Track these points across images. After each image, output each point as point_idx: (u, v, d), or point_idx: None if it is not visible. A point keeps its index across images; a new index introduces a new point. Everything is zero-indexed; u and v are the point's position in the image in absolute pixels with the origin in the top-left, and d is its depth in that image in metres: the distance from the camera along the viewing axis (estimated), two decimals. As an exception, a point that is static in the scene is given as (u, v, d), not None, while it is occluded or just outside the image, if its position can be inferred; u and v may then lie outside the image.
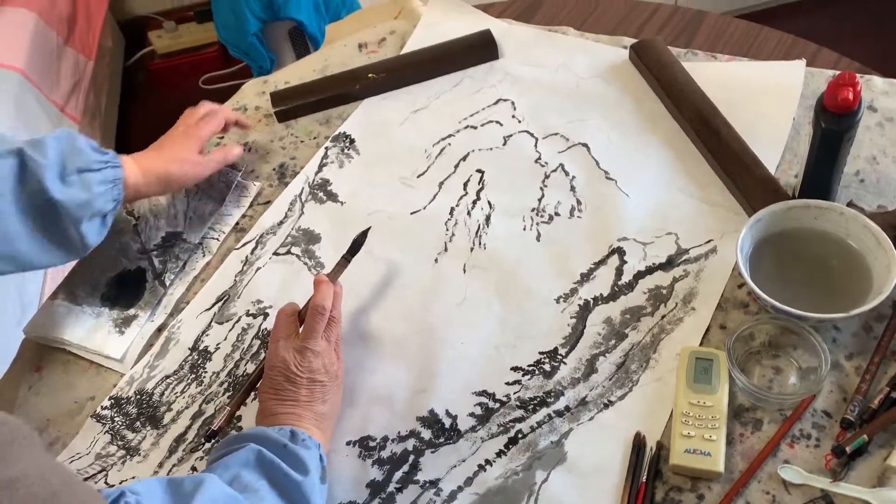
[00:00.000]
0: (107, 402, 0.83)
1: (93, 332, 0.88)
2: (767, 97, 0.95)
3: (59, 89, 1.99)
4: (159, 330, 0.88)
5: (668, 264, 0.85)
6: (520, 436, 0.74)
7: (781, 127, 0.92)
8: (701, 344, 0.78)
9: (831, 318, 0.72)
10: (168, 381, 0.84)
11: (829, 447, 0.69)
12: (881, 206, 0.84)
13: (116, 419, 0.81)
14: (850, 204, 0.83)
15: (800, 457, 0.70)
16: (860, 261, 0.78)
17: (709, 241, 0.86)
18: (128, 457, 0.79)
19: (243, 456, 0.65)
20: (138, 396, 0.83)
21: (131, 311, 0.89)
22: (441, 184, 0.96)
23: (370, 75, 1.05)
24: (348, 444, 0.76)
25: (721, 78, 1.00)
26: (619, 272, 0.85)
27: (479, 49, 1.07)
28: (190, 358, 0.85)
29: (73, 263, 0.92)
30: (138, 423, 0.81)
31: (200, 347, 0.86)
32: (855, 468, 0.68)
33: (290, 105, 1.05)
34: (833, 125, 0.75)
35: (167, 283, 0.91)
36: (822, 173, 0.81)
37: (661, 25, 1.10)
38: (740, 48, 1.04)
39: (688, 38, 1.07)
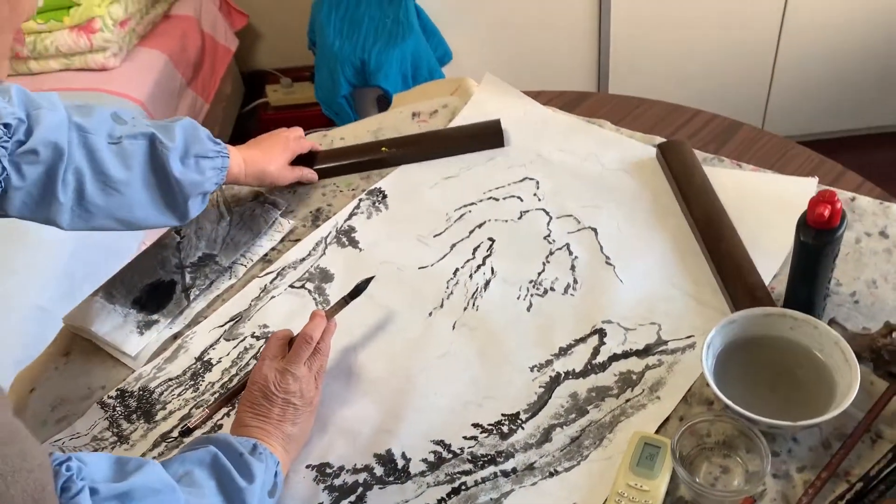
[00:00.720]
0: (113, 393, 0.92)
1: (118, 329, 0.98)
2: (775, 209, 0.98)
3: (172, 124, 2.20)
4: (175, 337, 0.97)
5: (645, 352, 0.87)
6: (463, 487, 0.78)
7: (784, 239, 0.94)
8: (657, 432, 0.80)
9: (778, 425, 0.73)
10: (170, 383, 0.92)
11: (757, 552, 0.69)
12: (865, 328, 0.84)
13: (117, 409, 0.90)
14: (831, 321, 0.83)
15: (727, 557, 0.70)
16: (828, 376, 0.78)
17: (689, 337, 0.88)
18: (118, 444, 0.87)
19: (200, 455, 0.72)
20: (141, 392, 0.92)
21: (154, 317, 0.99)
22: (453, 246, 1.03)
23: (383, 149, 1.15)
24: (308, 467, 0.82)
25: (736, 184, 1.03)
26: (595, 352, 0.88)
27: (487, 137, 1.15)
28: (193, 366, 0.94)
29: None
30: (134, 415, 0.90)
31: (205, 358, 0.94)
32: (779, 578, 0.68)
33: (320, 167, 1.15)
34: (810, 239, 0.78)
35: (191, 298, 1.01)
36: (802, 286, 0.82)
37: (695, 130, 1.15)
38: (766, 161, 1.07)
39: (718, 146, 1.11)
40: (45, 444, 0.86)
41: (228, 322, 0.98)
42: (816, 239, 0.77)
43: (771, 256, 0.93)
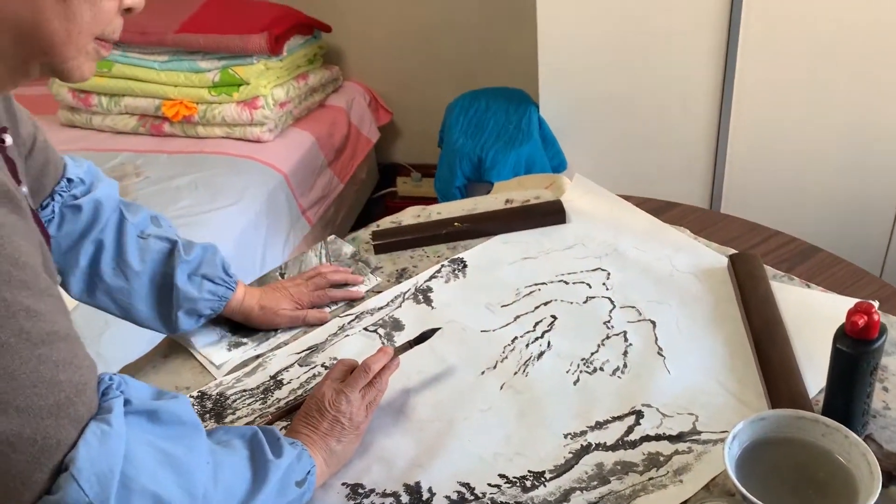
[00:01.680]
0: (195, 393, 1.04)
1: (212, 344, 1.11)
2: (834, 328, 0.99)
3: (307, 197, 2.43)
4: (257, 357, 1.09)
5: (677, 438, 0.90)
6: (477, 527, 0.83)
7: (837, 355, 0.95)
8: (673, 512, 0.82)
9: (789, 519, 0.74)
10: (244, 394, 1.03)
11: None
12: (906, 451, 0.84)
13: (195, 406, 1.02)
14: (867, 436, 0.83)
15: None
16: (852, 487, 0.78)
17: (723, 432, 0.90)
18: (189, 436, 0.98)
19: (243, 430, 0.80)
20: (218, 397, 1.03)
21: (244, 339, 1.12)
22: (517, 317, 1.10)
23: (455, 224, 1.26)
24: (343, 484, 0.89)
25: (800, 301, 1.05)
26: (629, 430, 0.92)
27: (550, 214, 1.26)
28: (267, 383, 1.05)
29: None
30: (208, 415, 1.01)
31: (278, 378, 1.05)
32: None
33: (386, 241, 1.27)
34: (846, 347, 0.80)
35: (278, 329, 1.13)
36: (839, 395, 0.83)
37: (772, 249, 1.18)
38: (838, 286, 1.09)
39: (790, 266, 1.14)
40: None
41: (305, 351, 1.09)
42: (852, 348, 0.80)
43: (821, 372, 0.94)
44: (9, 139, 0.77)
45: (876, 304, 0.80)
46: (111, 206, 1.01)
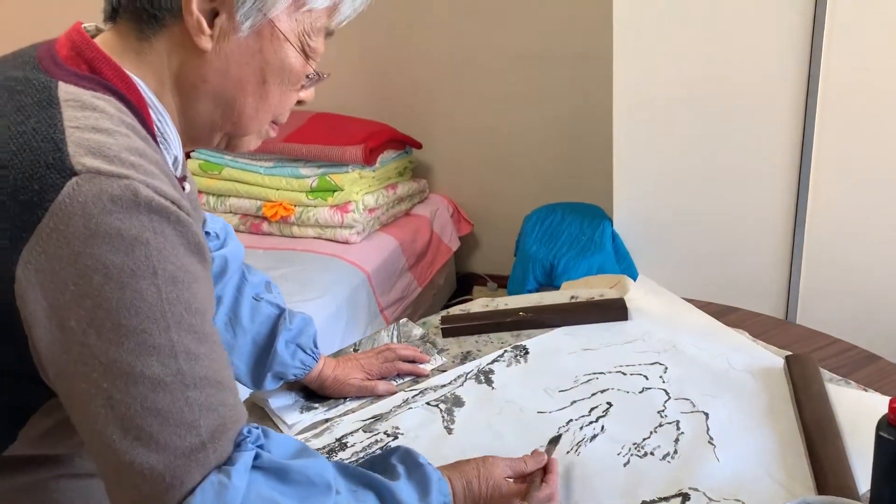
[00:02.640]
0: (267, 448, 1.12)
1: (287, 407, 1.20)
2: (887, 426, 1.00)
3: (387, 296, 2.55)
4: (326, 420, 1.17)
5: (722, 521, 0.92)
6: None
7: (889, 454, 0.95)
8: (713, 590, 0.83)
9: None
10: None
11: None
12: (955, 547, 0.83)
13: (266, 460, 1.10)
14: (915, 531, 0.83)
15: None
16: (896, 576, 0.78)
17: (770, 520, 0.91)
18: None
19: (384, 488, 0.79)
20: (287, 452, 1.11)
21: (315, 404, 1.21)
22: (574, 402, 1.15)
23: (521, 313, 1.33)
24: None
25: (855, 402, 1.07)
26: (675, 510, 0.94)
27: (612, 310, 1.32)
28: (332, 444, 1.12)
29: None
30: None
31: (343, 440, 1.12)
32: None
33: (454, 325, 1.35)
34: (888, 435, 0.82)
35: (348, 398, 1.21)
36: (885, 485, 0.84)
37: (830, 355, 1.20)
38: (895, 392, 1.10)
39: (848, 371, 1.16)
40: None
41: (370, 419, 1.16)
42: (894, 435, 0.81)
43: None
44: (188, 186, 0.86)
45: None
46: (236, 264, 1.11)
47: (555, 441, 1.05)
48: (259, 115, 0.80)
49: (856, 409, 1.05)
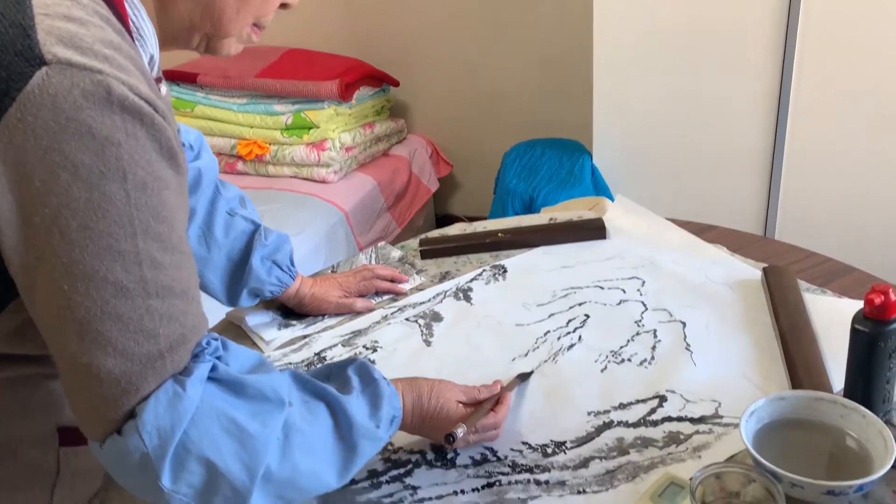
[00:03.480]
0: (244, 363, 1.11)
1: (264, 324, 1.19)
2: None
3: (366, 236, 2.54)
4: (304, 336, 1.16)
5: (699, 420, 0.92)
6: (497, 484, 0.86)
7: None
8: (689, 482, 0.84)
9: (801, 482, 0.75)
10: (289, 366, 1.10)
11: (753, 591, 0.70)
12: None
13: (243, 374, 1.09)
14: (887, 420, 0.84)
15: (723, 591, 0.72)
16: (868, 464, 0.79)
17: (742, 415, 0.92)
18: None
19: (331, 396, 0.77)
20: (264, 367, 1.10)
21: (293, 322, 1.20)
22: (552, 315, 1.15)
23: (499, 234, 1.32)
24: (374, 443, 0.94)
25: (830, 308, 1.07)
26: (652, 411, 0.94)
27: (590, 229, 1.32)
28: (311, 359, 1.11)
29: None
30: (254, 381, 1.08)
31: (322, 355, 1.12)
32: None
33: (432, 247, 1.34)
34: (863, 327, 0.82)
35: (326, 315, 1.20)
36: (858, 378, 0.85)
37: (806, 267, 1.21)
38: (871, 299, 1.10)
39: (825, 281, 1.16)
40: None
41: (349, 334, 1.16)
42: (869, 328, 0.82)
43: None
44: (164, 88, 0.82)
45: (893, 285, 0.82)
46: (210, 177, 1.08)
47: (524, 377, 1.02)
48: (240, 16, 0.77)
49: (831, 315, 1.06)
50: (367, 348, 1.12)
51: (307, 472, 0.73)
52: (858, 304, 1.07)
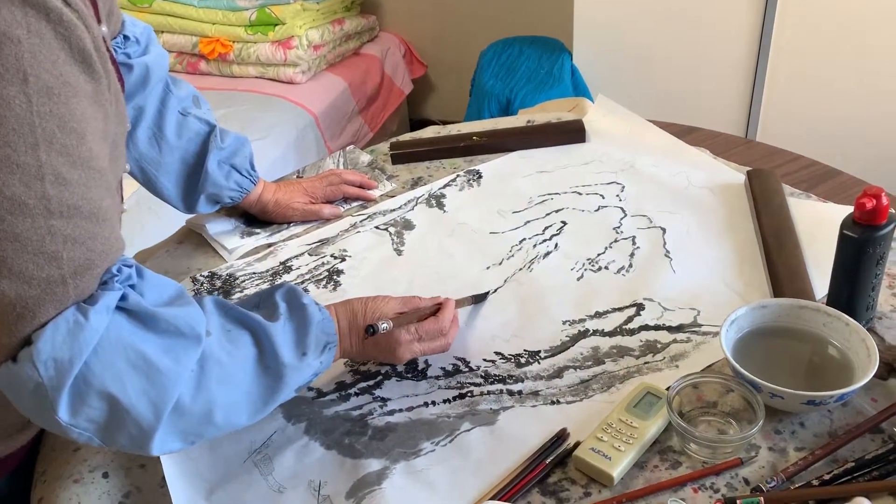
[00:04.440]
0: (206, 273, 1.06)
1: (226, 232, 1.13)
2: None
3: (336, 141, 2.45)
4: (269, 245, 1.11)
5: (677, 329, 0.90)
6: (469, 395, 0.83)
7: (847, 260, 0.94)
8: (665, 392, 0.82)
9: (781, 392, 0.73)
10: (253, 276, 1.05)
11: None
12: (908, 345, 0.82)
13: (205, 284, 1.04)
14: (870, 329, 0.82)
15: (697, 502, 0.70)
16: (849, 373, 0.77)
17: (723, 324, 0.89)
18: (197, 310, 1.00)
19: (255, 323, 0.71)
20: (227, 277, 1.05)
21: (257, 230, 1.14)
22: (527, 222, 1.10)
23: (474, 137, 1.26)
24: (342, 355, 0.90)
25: (815, 213, 1.04)
26: (629, 319, 0.92)
27: (569, 132, 1.26)
28: (276, 268, 1.06)
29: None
30: (216, 292, 1.03)
31: (287, 264, 1.07)
32: (744, 528, 0.67)
33: (404, 151, 1.27)
34: (852, 232, 0.79)
35: (291, 223, 1.15)
36: (843, 284, 0.82)
37: (792, 171, 1.16)
38: (856, 203, 1.07)
39: (810, 185, 1.12)
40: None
41: (316, 242, 1.10)
42: (859, 233, 0.78)
43: (829, 278, 0.93)
44: None
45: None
46: (160, 74, 1.00)
47: (479, 298, 0.96)
48: None
49: (815, 220, 1.03)
50: (334, 257, 1.07)
51: (224, 405, 0.67)
52: (844, 210, 1.04)
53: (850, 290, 0.82)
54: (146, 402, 0.62)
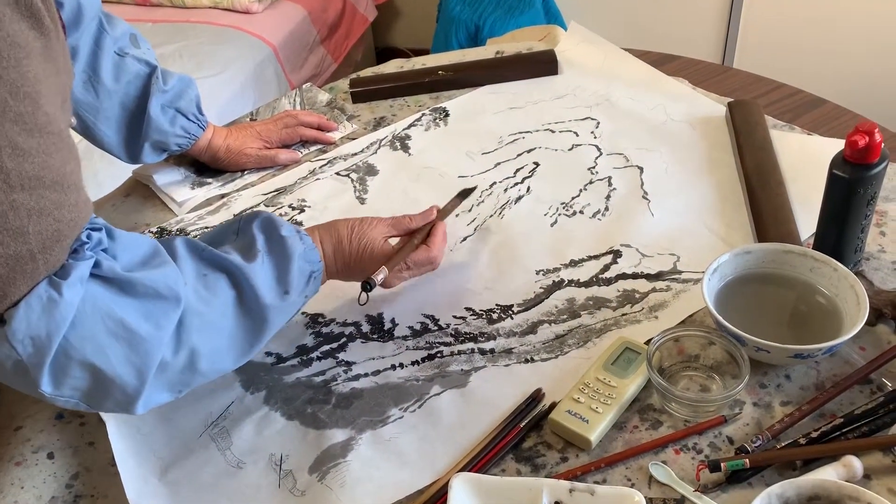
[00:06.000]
0: (154, 228, 0.99)
1: (175, 183, 1.06)
2: (832, 169, 0.92)
3: (298, 73, 2.33)
4: (221, 196, 1.04)
5: (656, 277, 0.85)
6: (438, 355, 0.79)
7: (833, 198, 0.89)
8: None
9: (766, 346, 0.69)
10: (205, 231, 0.98)
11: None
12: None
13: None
14: (858, 273, 0.78)
15: (679, 464, 0.67)
16: (838, 320, 0.73)
17: (705, 272, 0.84)
18: (147, 270, 0.94)
19: (230, 264, 0.67)
20: (177, 232, 0.98)
21: (208, 179, 1.06)
22: (497, 164, 1.04)
23: (440, 72, 1.18)
24: (302, 313, 0.85)
25: (799, 147, 0.98)
26: (605, 268, 0.87)
27: (541, 64, 1.18)
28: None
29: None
30: (167, 249, 0.96)
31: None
32: (728, 492, 0.64)
33: (364, 89, 1.19)
34: (842, 172, 0.73)
35: (245, 171, 1.07)
36: (832, 227, 0.78)
37: (775, 100, 1.10)
38: (843, 135, 1.01)
39: (794, 116, 1.07)
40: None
41: (272, 192, 1.03)
42: (850, 172, 0.73)
43: (815, 217, 0.88)
44: None
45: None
46: (92, 12, 0.91)
47: (465, 193, 0.91)
48: None
49: (800, 154, 0.98)
50: (293, 208, 1.01)
51: (207, 353, 0.65)
52: (830, 143, 0.99)
53: (839, 233, 0.77)
54: (130, 369, 0.60)
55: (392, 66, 1.28)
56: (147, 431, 0.74)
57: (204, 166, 1.07)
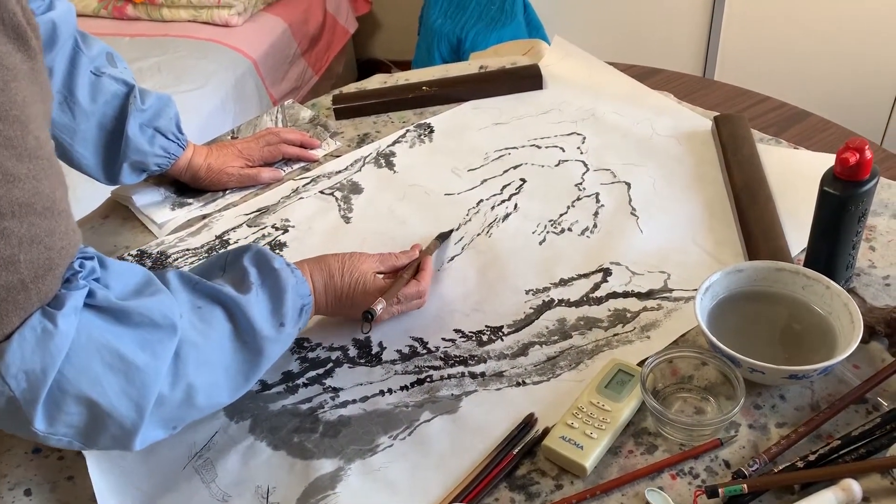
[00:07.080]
0: (134, 251, 0.97)
1: (155, 204, 1.04)
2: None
3: (279, 86, 2.31)
4: (203, 217, 1.02)
5: (647, 295, 0.84)
6: (428, 380, 0.77)
7: (822, 213, 0.88)
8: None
9: (761, 367, 0.68)
10: (186, 253, 0.96)
11: (709, 489, 0.64)
12: (888, 306, 0.78)
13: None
14: (850, 290, 0.77)
15: (676, 490, 0.66)
16: (832, 339, 0.73)
17: (696, 290, 0.83)
18: (127, 294, 0.91)
19: (225, 296, 0.66)
20: (158, 255, 0.96)
21: (189, 200, 1.04)
22: (484, 181, 1.03)
23: (424, 88, 1.17)
24: (288, 339, 0.83)
25: (786, 161, 0.98)
26: (595, 287, 0.86)
27: (525, 79, 1.17)
28: (212, 242, 0.97)
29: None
30: (148, 273, 0.94)
31: (224, 238, 0.98)
32: (726, 518, 0.63)
33: (348, 105, 1.17)
34: (833, 189, 0.73)
35: (226, 191, 1.05)
36: (823, 243, 0.77)
37: (760, 114, 1.10)
38: (829, 150, 1.01)
39: (779, 130, 1.06)
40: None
41: (255, 212, 1.01)
42: (840, 189, 0.73)
43: (805, 232, 0.87)
44: None
45: (868, 141, 0.72)
46: (67, 31, 0.88)
47: (443, 236, 0.92)
48: None
49: (787, 169, 0.97)
50: (276, 228, 0.99)
51: (204, 387, 0.64)
52: (817, 157, 0.99)
53: (830, 250, 0.77)
54: (127, 402, 0.59)
55: (375, 82, 1.27)
56: (128, 465, 0.71)
57: (184, 186, 1.05)
